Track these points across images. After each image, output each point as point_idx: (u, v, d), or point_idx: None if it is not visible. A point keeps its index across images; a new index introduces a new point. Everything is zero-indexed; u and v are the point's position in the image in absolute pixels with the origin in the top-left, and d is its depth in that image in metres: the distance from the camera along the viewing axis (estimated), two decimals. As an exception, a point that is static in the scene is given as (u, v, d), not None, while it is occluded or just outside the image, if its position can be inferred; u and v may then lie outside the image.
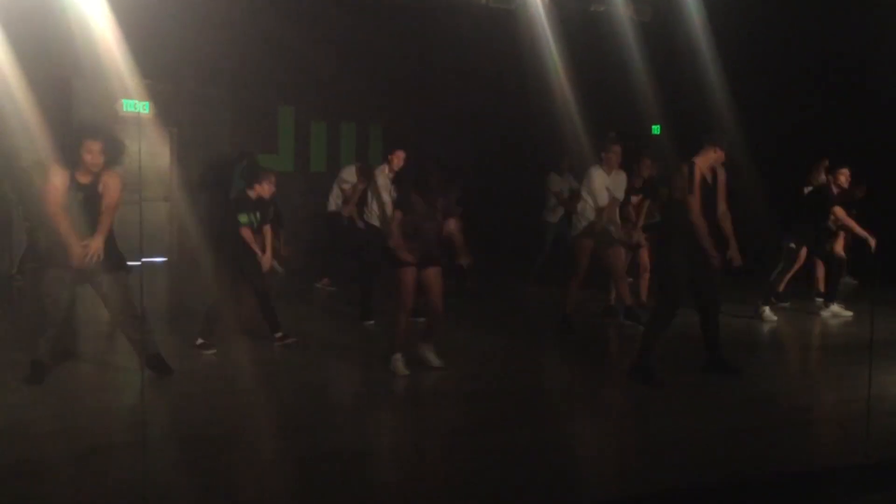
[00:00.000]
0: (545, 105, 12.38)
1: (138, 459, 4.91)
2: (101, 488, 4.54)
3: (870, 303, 8.47)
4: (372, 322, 8.67)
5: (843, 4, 11.08)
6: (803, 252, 9.41)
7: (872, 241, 9.26)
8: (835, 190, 9.17)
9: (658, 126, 14.23)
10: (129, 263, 6.43)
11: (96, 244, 6.03)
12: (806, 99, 11.75)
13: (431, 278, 6.83)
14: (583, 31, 11.56)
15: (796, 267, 9.54)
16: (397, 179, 8.67)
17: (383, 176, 8.84)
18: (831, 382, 7.13)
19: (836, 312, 9.38)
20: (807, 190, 9.86)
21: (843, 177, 9.22)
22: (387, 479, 4.89)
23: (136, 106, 13.12)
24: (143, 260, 12.52)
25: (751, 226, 9.62)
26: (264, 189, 7.62)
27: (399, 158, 8.89)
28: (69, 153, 6.10)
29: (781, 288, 9.67)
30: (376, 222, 8.83)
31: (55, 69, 11.43)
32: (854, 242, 9.81)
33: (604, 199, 8.32)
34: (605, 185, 8.37)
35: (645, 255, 9.38)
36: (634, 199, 9.24)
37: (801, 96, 11.77)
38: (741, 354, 7.83)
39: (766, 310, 9.31)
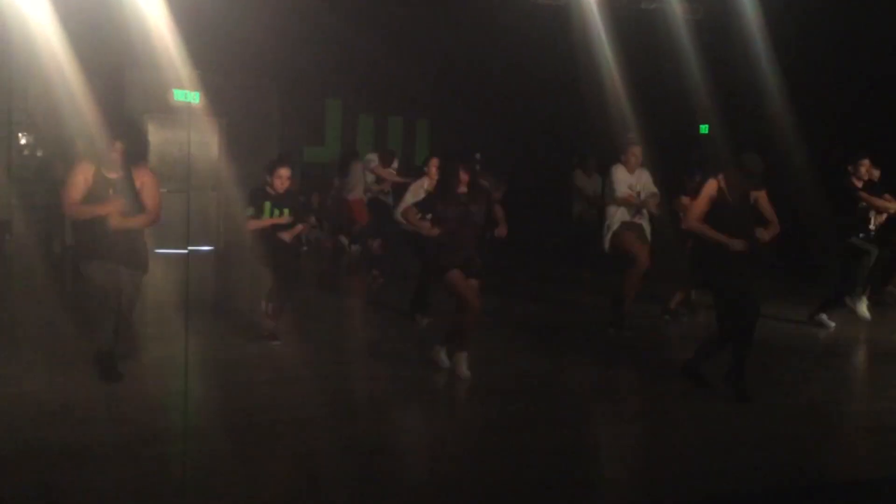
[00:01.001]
0: (595, 102, 12.30)
1: (183, 446, 4.97)
2: (146, 474, 4.58)
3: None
4: (426, 320, 8.47)
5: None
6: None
7: None
8: (857, 183, 8.74)
9: (706, 125, 14.08)
10: (176, 251, 6.49)
11: (119, 221, 6.07)
12: (865, 97, 11.51)
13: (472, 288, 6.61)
14: (634, 29, 11.45)
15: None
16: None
17: (422, 189, 8.62)
18: (884, 390, 6.99)
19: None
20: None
21: (864, 168, 8.76)
22: (423, 474, 4.90)
23: (187, 96, 13.32)
24: (191, 249, 12.68)
25: (811, 230, 9.49)
26: (275, 184, 7.33)
27: (435, 166, 8.63)
28: (97, 149, 6.18)
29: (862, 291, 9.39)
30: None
31: (108, 59, 11.59)
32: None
33: (623, 191, 8.22)
34: (627, 182, 8.28)
35: None
36: (685, 199, 8.94)
37: (860, 94, 11.54)
38: (793, 359, 7.71)
39: (861, 304, 9.03)
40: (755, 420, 5.92)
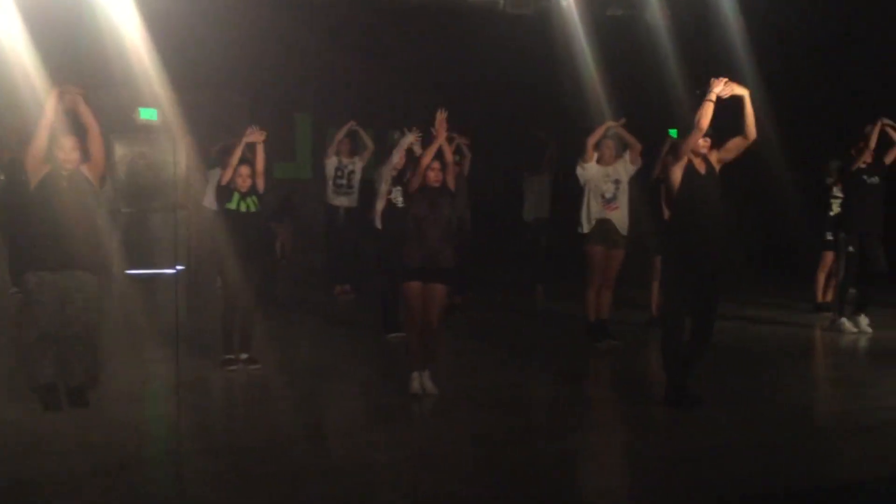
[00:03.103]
0: (561, 109, 12.29)
1: (163, 473, 4.94)
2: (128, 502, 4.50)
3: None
4: (396, 335, 8.37)
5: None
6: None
7: None
8: (863, 165, 8.57)
9: (675, 130, 14.10)
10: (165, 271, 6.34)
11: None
12: (846, 99, 11.58)
13: (431, 294, 6.41)
14: (602, 36, 11.45)
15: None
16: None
17: (387, 171, 8.65)
18: (863, 391, 7.00)
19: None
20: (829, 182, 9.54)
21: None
22: (409, 491, 4.83)
23: (153, 114, 13.16)
24: (154, 271, 12.53)
25: (787, 226, 9.50)
26: (238, 182, 7.22)
27: (402, 155, 8.71)
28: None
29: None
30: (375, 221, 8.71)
31: (75, 77, 11.40)
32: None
33: (609, 190, 8.10)
34: (604, 174, 8.15)
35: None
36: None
37: (840, 96, 11.61)
38: (768, 363, 7.73)
39: (844, 321, 8.84)
40: (737, 425, 5.92)
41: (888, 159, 8.64)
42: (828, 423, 6.27)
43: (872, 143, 8.56)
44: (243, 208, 7.26)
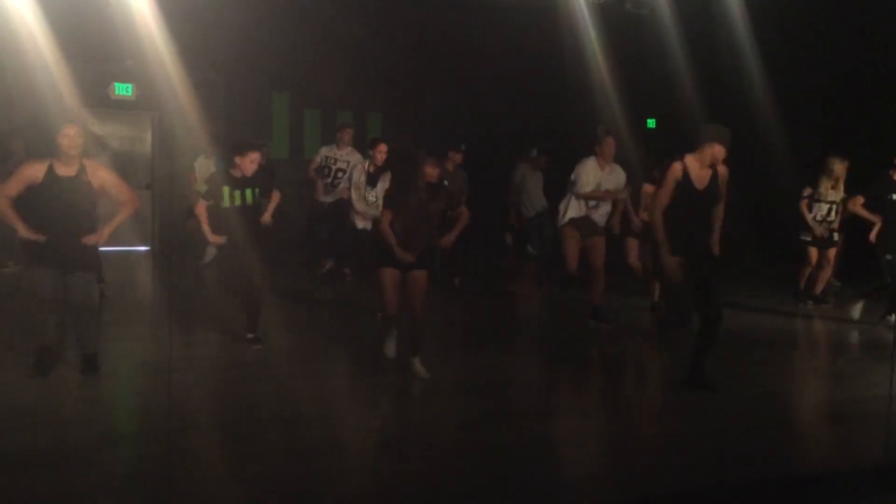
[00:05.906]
0: (544, 96, 12.27)
1: (136, 451, 4.89)
2: (117, 477, 4.50)
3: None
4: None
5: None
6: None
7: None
8: None
9: (653, 120, 14.16)
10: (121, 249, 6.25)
11: (98, 236, 6.01)
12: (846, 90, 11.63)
13: (415, 282, 6.35)
14: (584, 22, 11.42)
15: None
16: (381, 173, 8.72)
17: (360, 172, 8.85)
18: (851, 381, 7.04)
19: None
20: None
21: None
22: (389, 471, 4.81)
23: (128, 89, 12.99)
24: (126, 248, 12.40)
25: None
26: (245, 166, 7.01)
27: (382, 152, 8.81)
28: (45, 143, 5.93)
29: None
30: (354, 220, 9.00)
31: (47, 51, 11.20)
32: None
33: (587, 187, 8.09)
34: (597, 178, 8.15)
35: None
36: (648, 187, 8.70)
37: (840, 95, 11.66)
38: (762, 352, 7.76)
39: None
40: (719, 412, 5.92)
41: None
42: (810, 411, 6.32)
43: None
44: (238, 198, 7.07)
